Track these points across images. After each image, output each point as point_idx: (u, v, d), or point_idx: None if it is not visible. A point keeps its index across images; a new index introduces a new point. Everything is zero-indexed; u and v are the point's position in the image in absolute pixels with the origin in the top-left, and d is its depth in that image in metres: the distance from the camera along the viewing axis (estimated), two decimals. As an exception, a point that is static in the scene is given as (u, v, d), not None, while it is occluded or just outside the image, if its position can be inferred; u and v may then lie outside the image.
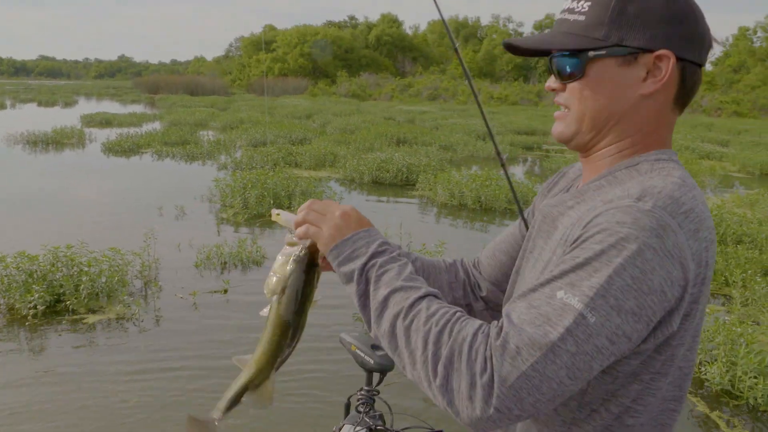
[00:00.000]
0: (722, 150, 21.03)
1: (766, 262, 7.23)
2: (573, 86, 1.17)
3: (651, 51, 1.11)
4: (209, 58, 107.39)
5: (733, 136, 27.23)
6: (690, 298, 1.03)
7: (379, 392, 2.45)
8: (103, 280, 5.75)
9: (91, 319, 5.43)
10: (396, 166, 13.13)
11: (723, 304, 6.37)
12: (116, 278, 5.83)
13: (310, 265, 1.27)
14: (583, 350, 0.96)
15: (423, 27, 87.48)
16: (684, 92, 1.16)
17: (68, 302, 5.52)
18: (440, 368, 1.00)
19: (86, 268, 5.78)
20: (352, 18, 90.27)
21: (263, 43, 71.46)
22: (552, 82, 1.21)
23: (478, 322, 1.04)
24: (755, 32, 60.02)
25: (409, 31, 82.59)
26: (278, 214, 1.33)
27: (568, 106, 1.19)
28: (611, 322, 0.96)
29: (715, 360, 4.76)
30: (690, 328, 1.07)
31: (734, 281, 6.63)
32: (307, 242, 1.26)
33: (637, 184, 1.07)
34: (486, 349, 0.98)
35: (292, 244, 1.27)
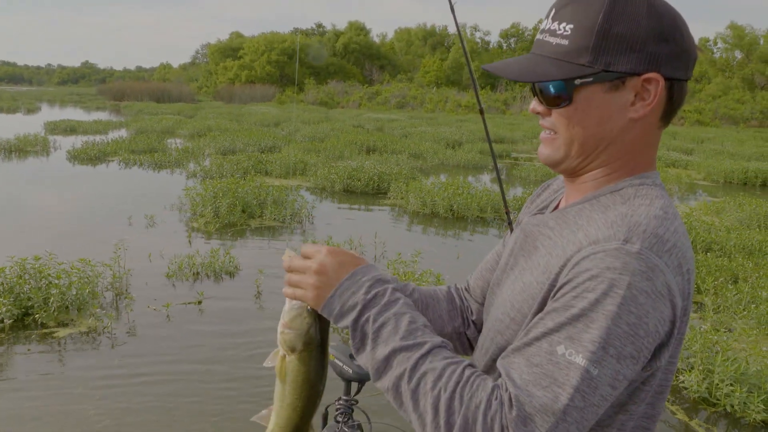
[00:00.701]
0: (687, 158, 21.41)
1: (735, 270, 7.35)
2: (560, 112, 1.14)
3: (639, 74, 1.08)
4: (175, 64, 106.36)
5: (696, 144, 27.75)
6: (676, 330, 1.04)
7: (357, 402, 2.45)
8: (74, 292, 5.61)
9: (62, 332, 5.29)
10: (367, 174, 13.11)
11: (695, 311, 6.45)
12: (87, 290, 5.70)
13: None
14: (590, 403, 0.97)
15: (390, 35, 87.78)
16: (671, 109, 1.15)
17: (37, 315, 5.37)
18: None
19: (55, 281, 5.64)
20: (319, 26, 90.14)
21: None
22: (536, 105, 1.18)
23: (489, 385, 1.02)
24: (715, 43, 61.34)
25: (377, 39, 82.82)
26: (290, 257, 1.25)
27: (555, 130, 1.17)
28: (612, 369, 0.97)
29: (692, 368, 4.82)
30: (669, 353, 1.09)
31: (706, 289, 6.73)
32: None
33: (620, 216, 1.06)
34: (502, 418, 0.97)
35: None
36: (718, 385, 4.57)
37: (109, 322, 5.46)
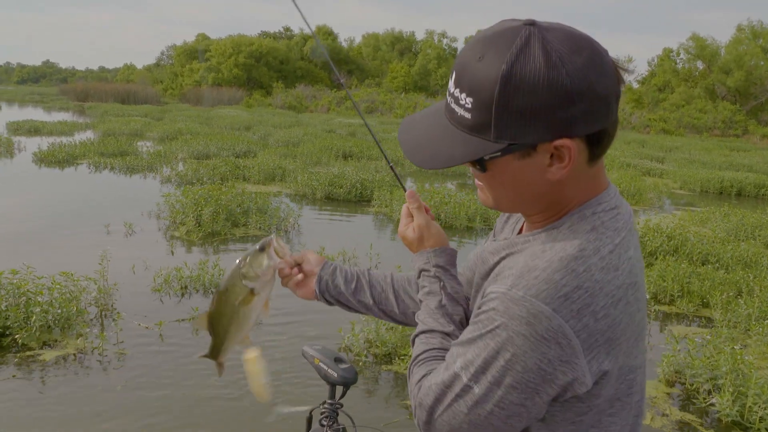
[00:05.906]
0: (661, 167, 21.53)
1: (739, 283, 7.21)
2: (480, 176, 1.15)
3: (549, 141, 1.03)
4: (139, 65, 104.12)
5: (666, 152, 27.99)
6: (595, 360, 1.04)
7: (342, 405, 2.46)
8: (58, 310, 5.17)
9: (47, 355, 4.86)
10: (349, 181, 12.78)
11: (705, 326, 6.29)
12: (74, 308, 5.27)
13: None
14: (475, 413, 1.09)
15: (358, 40, 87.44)
16: (595, 153, 1.09)
17: (17, 336, 4.94)
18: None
19: (36, 297, 5.19)
20: (287, 29, 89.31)
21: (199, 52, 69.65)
22: None
23: (422, 371, 1.22)
24: (678, 54, 62.32)
25: (345, 44, 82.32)
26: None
27: (483, 187, 1.18)
28: (494, 393, 1.07)
29: (720, 389, 4.62)
30: (613, 376, 1.07)
31: (715, 303, 6.58)
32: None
33: (530, 257, 1.09)
34: (414, 398, 1.20)
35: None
36: (751, 407, 4.38)
37: (100, 343, 5.04)
